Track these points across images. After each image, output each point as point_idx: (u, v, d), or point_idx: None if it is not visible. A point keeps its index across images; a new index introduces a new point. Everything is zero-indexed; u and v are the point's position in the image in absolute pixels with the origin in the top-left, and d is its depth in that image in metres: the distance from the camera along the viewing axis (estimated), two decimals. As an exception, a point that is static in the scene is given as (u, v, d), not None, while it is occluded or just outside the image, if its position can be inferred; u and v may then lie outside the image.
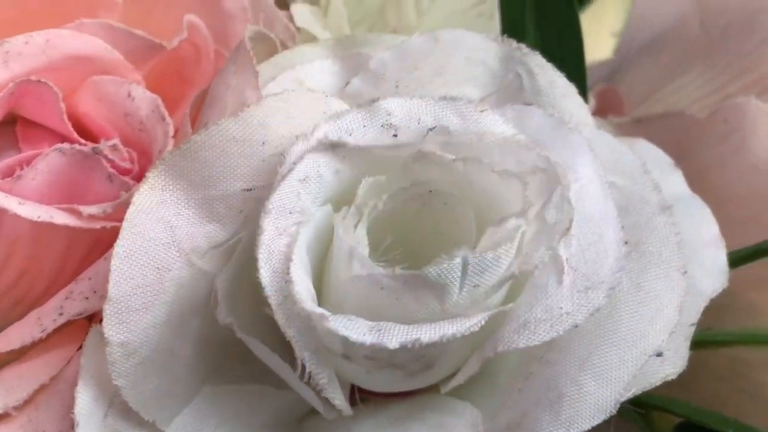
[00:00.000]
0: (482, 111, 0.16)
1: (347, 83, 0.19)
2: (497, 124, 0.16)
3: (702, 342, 0.18)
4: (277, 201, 0.15)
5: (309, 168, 0.15)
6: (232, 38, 0.21)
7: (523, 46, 0.19)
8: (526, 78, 0.19)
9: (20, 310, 0.20)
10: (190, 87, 0.22)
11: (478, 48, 0.19)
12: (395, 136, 0.16)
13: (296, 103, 0.16)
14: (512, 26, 0.21)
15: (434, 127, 0.16)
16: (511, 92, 0.19)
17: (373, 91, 0.18)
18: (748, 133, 0.21)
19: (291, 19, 0.21)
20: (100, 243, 0.18)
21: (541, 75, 0.19)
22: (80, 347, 0.17)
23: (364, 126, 0.16)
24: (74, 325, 0.18)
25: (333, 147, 0.15)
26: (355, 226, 0.15)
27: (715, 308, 0.18)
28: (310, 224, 0.15)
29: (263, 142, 0.16)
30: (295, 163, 0.15)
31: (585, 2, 0.33)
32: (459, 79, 0.19)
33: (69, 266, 0.19)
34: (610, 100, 0.25)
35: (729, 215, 0.21)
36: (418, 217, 0.17)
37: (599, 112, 0.25)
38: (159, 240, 0.15)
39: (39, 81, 0.18)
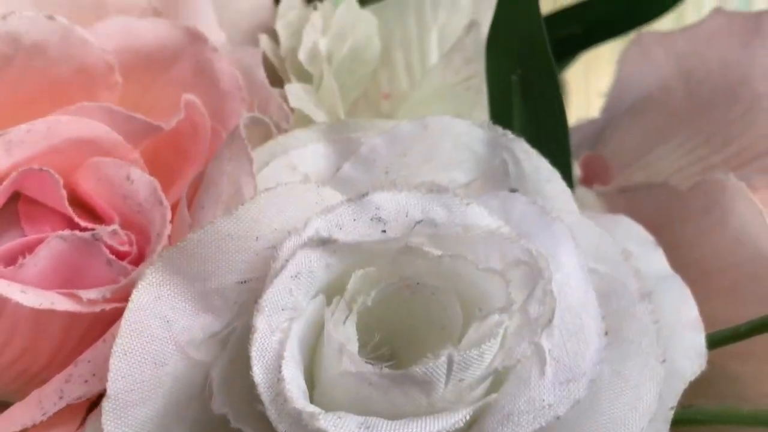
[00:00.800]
0: (468, 204, 0.17)
1: (339, 168, 0.19)
2: (482, 217, 0.17)
3: (682, 420, 0.19)
4: (270, 299, 0.15)
5: (301, 264, 0.16)
6: (229, 115, 0.22)
7: (508, 132, 0.19)
8: (511, 163, 0.19)
9: (21, 383, 0.20)
10: (187, 161, 0.22)
11: (464, 134, 0.19)
12: (384, 231, 0.16)
13: (288, 196, 0.17)
14: (499, 106, 0.21)
15: (421, 221, 0.17)
16: (497, 177, 0.19)
17: (363, 177, 0.19)
18: (728, 208, 0.22)
19: (285, 97, 0.22)
20: (99, 321, 0.19)
21: (526, 161, 0.19)
22: (81, 425, 0.18)
23: (354, 220, 0.17)
24: (75, 404, 0.18)
25: (324, 243, 0.16)
26: (344, 322, 0.16)
27: (697, 380, 0.19)
28: (301, 319, 0.16)
29: (257, 237, 0.16)
30: (287, 260, 0.16)
31: (569, 61, 0.34)
32: (447, 164, 0.19)
33: (69, 343, 0.19)
34: (596, 168, 0.26)
35: (709, 286, 0.22)
36: (406, 305, 0.17)
37: (585, 179, 0.25)
38: (156, 336, 0.16)
39: (41, 169, 0.19)
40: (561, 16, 0.33)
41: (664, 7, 0.32)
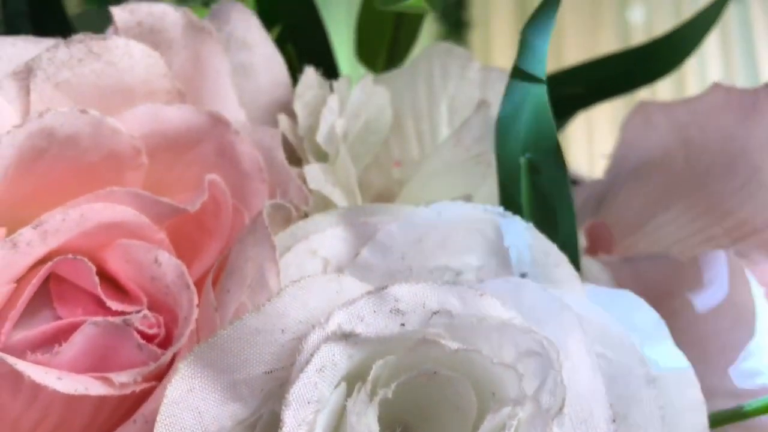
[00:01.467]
0: (482, 295, 0.18)
1: (357, 253, 0.20)
2: (495, 308, 0.18)
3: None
4: (296, 393, 0.16)
5: (325, 358, 0.17)
6: (250, 195, 0.23)
7: (518, 218, 0.20)
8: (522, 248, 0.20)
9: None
10: (210, 236, 0.23)
11: (477, 220, 0.20)
12: (403, 325, 0.17)
13: (311, 289, 0.18)
14: (508, 186, 0.22)
15: (438, 311, 0.18)
16: (508, 261, 0.20)
17: (381, 263, 0.20)
18: (728, 282, 0.23)
19: (304, 177, 0.23)
20: (127, 398, 0.20)
21: (535, 246, 0.20)
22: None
23: (374, 312, 0.18)
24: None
25: (346, 337, 0.17)
26: (366, 412, 0.17)
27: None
28: (326, 409, 0.17)
29: (283, 330, 0.17)
30: (312, 354, 0.17)
31: (570, 118, 0.35)
32: (460, 249, 0.20)
33: (98, 420, 0.20)
34: (600, 236, 0.27)
35: (711, 358, 0.23)
36: (423, 389, 0.18)
37: (590, 249, 0.26)
38: (189, 427, 0.16)
39: (76, 258, 0.20)
40: (564, 75, 0.34)
41: (664, 69, 0.33)
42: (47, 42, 0.22)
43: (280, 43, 0.30)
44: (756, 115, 0.25)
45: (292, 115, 0.25)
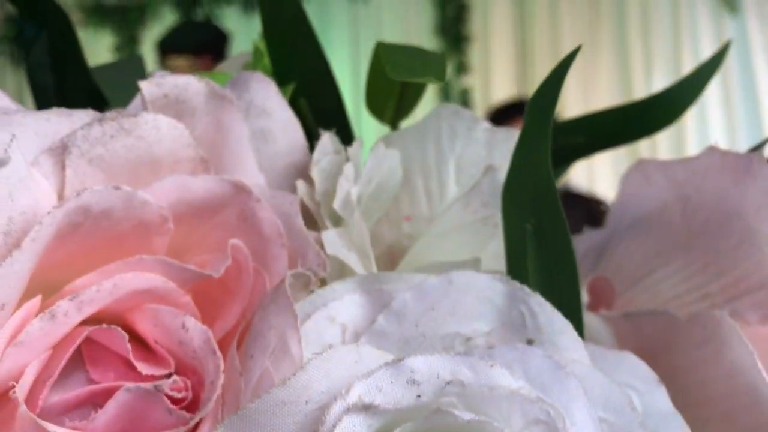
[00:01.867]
0: (492, 366, 0.19)
1: (374, 320, 0.21)
2: (505, 378, 0.19)
3: None
4: (320, 464, 0.18)
5: (347, 428, 0.18)
6: (270, 259, 0.24)
7: (525, 287, 0.22)
8: (528, 315, 0.22)
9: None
10: (231, 296, 0.24)
11: (485, 288, 0.22)
12: (419, 396, 0.19)
13: (332, 360, 0.19)
14: (515, 251, 0.24)
15: (451, 381, 0.19)
16: (516, 327, 0.22)
17: (396, 330, 0.21)
18: (723, 342, 0.24)
19: (321, 243, 0.24)
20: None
21: (541, 314, 0.21)
22: None
23: (392, 382, 0.19)
24: None
25: (366, 408, 0.18)
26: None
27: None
28: (347, 477, 0.18)
29: (306, 401, 0.19)
30: (334, 425, 0.18)
31: (570, 165, 0.37)
32: (470, 315, 0.22)
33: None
34: (601, 290, 0.28)
35: (706, 413, 0.24)
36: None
37: (592, 304, 0.27)
38: (220, 494, 0.18)
39: (110, 327, 0.21)
40: (566, 125, 0.36)
41: (663, 122, 0.34)
42: (78, 115, 0.24)
43: (295, 97, 0.32)
44: (749, 178, 0.26)
45: (308, 179, 0.26)
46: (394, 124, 0.36)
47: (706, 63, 0.33)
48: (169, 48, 2.43)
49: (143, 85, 0.24)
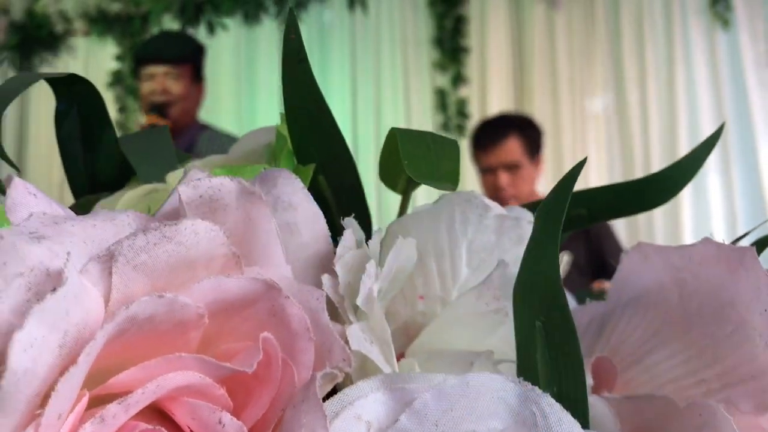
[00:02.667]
0: (507, 470, 0.21)
1: (397, 419, 0.23)
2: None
3: None
4: None
5: None
6: (298, 352, 0.26)
7: (536, 388, 0.24)
8: (539, 415, 0.23)
9: None
10: (261, 385, 0.26)
11: (500, 389, 0.24)
12: (441, 502, 0.20)
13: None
14: (525, 347, 0.25)
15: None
16: (528, 426, 0.23)
17: (417, 428, 0.23)
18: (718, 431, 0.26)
19: (346, 337, 0.26)
20: None
21: (551, 414, 0.23)
22: None
23: (416, 487, 0.21)
24: None
25: None
26: None
27: None
28: None
29: (339, 505, 0.20)
30: None
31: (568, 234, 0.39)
32: (485, 415, 0.23)
33: None
34: (604, 371, 0.30)
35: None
36: None
37: (596, 384, 0.29)
38: None
39: (155, 428, 0.23)
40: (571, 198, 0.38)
41: (659, 200, 0.36)
42: (121, 218, 0.26)
43: (315, 175, 0.34)
44: (743, 271, 0.28)
45: (332, 270, 0.28)
46: (405, 194, 0.38)
47: (701, 146, 0.35)
48: (149, 57, 2.43)
49: (181, 189, 0.26)
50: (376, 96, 3.36)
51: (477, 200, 0.31)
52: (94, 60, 3.74)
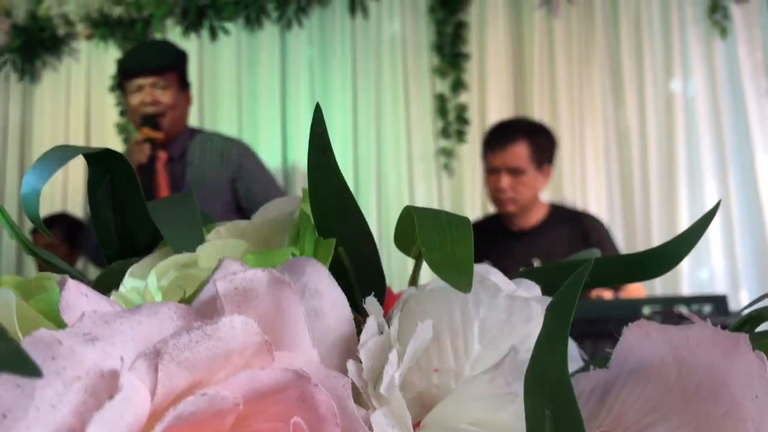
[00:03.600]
0: None
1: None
2: None
3: None
4: None
5: None
6: (324, 435, 0.28)
7: (546, 477, 0.26)
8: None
9: None
10: (290, 464, 0.28)
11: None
12: None
13: None
14: (535, 430, 0.28)
15: None
16: None
17: None
18: None
19: (370, 423, 0.28)
20: None
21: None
22: None
23: None
24: None
25: None
26: None
27: None
28: None
29: None
30: None
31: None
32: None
33: None
34: (608, 445, 0.32)
35: None
36: None
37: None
38: None
39: None
40: (577, 266, 0.40)
41: (660, 270, 0.38)
42: (163, 311, 0.28)
43: (335, 248, 0.36)
44: (737, 356, 0.30)
45: (355, 355, 0.30)
46: (418, 260, 0.40)
47: (700, 221, 0.37)
48: (135, 69, 2.43)
49: (218, 284, 0.28)
50: (376, 100, 3.38)
51: (489, 282, 0.33)
52: (96, 63, 3.76)
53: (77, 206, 3.55)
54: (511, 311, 0.33)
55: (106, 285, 0.38)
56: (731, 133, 2.98)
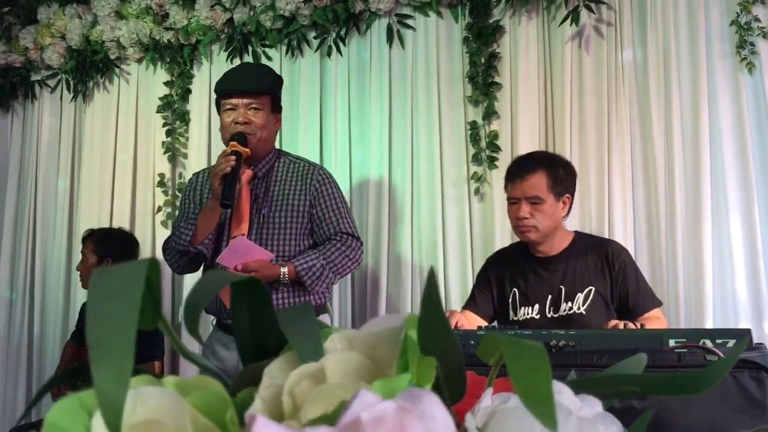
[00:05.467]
0: None
1: None
2: None
3: None
4: None
5: None
6: None
7: None
8: None
9: None
10: None
11: None
12: None
13: None
14: None
15: None
16: None
17: None
18: None
19: None
20: None
21: None
22: None
23: None
24: None
25: None
26: None
27: None
28: None
29: None
30: None
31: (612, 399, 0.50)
32: None
33: None
34: None
35: None
36: None
37: None
38: None
39: None
40: (622, 379, 0.49)
41: (696, 390, 0.47)
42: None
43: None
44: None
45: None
46: (496, 365, 0.50)
47: (729, 355, 0.46)
48: (231, 90, 2.55)
49: (363, 415, 0.38)
50: (411, 127, 3.48)
51: (563, 406, 0.43)
52: (145, 85, 3.91)
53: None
54: (581, 430, 0.42)
55: (247, 380, 0.48)
56: (757, 166, 3.03)
